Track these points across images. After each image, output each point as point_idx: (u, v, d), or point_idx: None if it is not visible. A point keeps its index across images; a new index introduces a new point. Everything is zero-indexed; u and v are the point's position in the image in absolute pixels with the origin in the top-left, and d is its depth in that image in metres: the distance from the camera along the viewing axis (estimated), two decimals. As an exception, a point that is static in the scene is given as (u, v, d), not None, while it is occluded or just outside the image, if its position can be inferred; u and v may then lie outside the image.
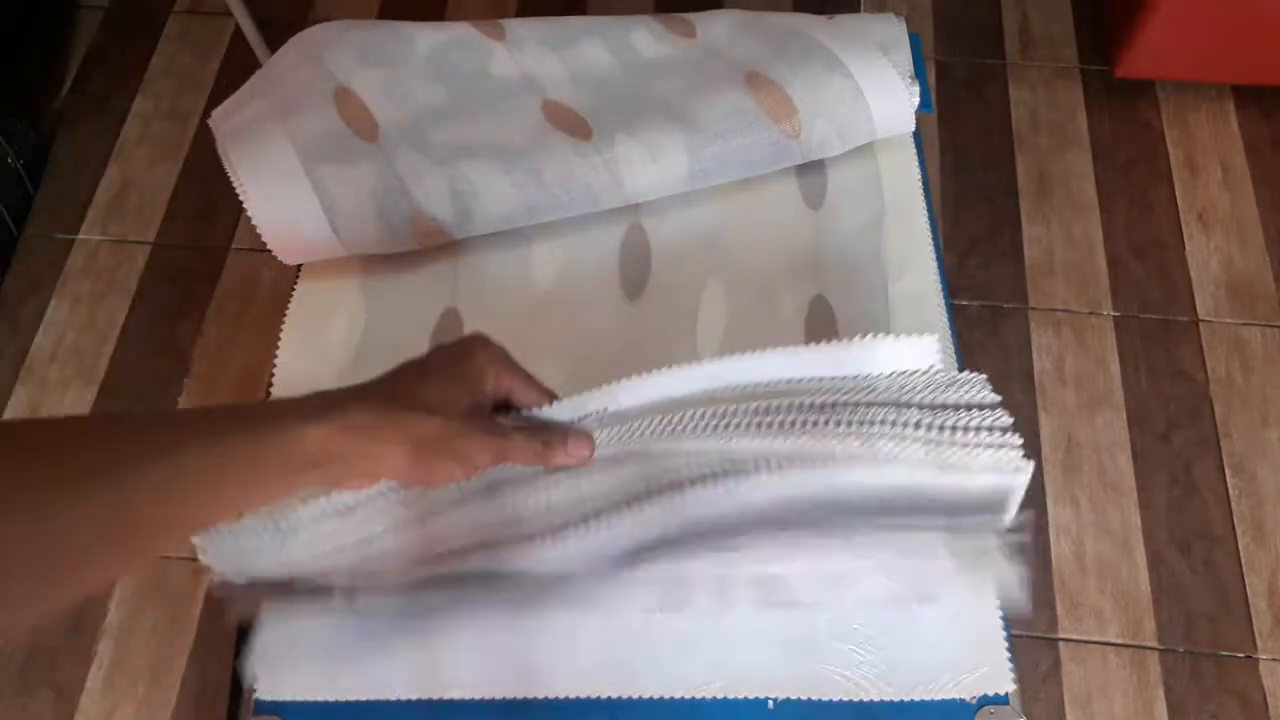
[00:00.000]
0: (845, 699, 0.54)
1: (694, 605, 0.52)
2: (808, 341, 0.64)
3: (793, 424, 0.47)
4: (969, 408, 0.48)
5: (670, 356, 0.64)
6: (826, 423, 0.47)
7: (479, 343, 0.45)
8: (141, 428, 0.36)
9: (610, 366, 0.64)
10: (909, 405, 0.48)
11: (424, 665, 0.53)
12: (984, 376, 0.49)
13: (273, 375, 0.64)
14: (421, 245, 0.66)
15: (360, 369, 0.64)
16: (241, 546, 0.46)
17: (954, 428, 0.46)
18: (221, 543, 0.45)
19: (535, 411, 0.48)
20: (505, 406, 0.47)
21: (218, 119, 0.66)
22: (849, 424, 0.47)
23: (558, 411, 0.48)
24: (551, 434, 0.46)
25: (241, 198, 0.63)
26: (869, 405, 0.48)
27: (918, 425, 0.47)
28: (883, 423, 0.47)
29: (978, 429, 0.46)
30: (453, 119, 0.68)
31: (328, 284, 0.68)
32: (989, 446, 0.46)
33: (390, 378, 0.42)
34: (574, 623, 0.54)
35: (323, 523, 0.47)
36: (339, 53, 0.69)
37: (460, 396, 0.42)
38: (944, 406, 0.48)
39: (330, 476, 0.39)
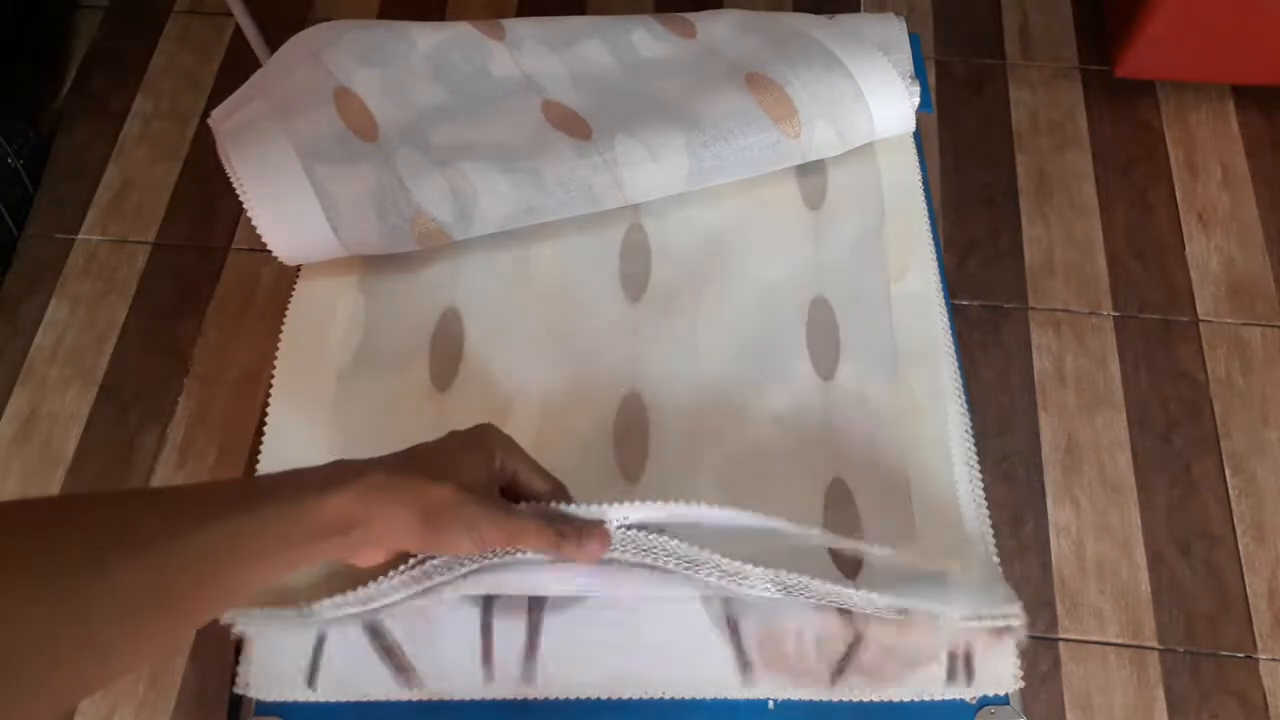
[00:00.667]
0: (846, 698, 0.53)
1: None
2: (808, 341, 0.64)
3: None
4: None
5: (671, 360, 0.64)
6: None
7: (490, 428, 0.48)
8: (169, 501, 0.36)
9: (611, 368, 0.64)
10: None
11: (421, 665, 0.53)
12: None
13: (273, 376, 0.64)
14: (422, 246, 0.66)
15: (360, 370, 0.64)
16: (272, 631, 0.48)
17: None
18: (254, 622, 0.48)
19: (548, 509, 0.48)
20: (516, 498, 0.48)
21: (217, 119, 0.66)
22: None
23: (571, 510, 0.48)
24: (567, 525, 0.46)
25: (241, 198, 0.63)
26: None
27: None
28: None
29: None
30: (453, 119, 0.68)
31: (327, 284, 0.68)
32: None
33: (407, 450, 0.44)
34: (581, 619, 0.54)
35: (343, 609, 0.48)
36: (339, 52, 0.69)
37: (474, 472, 0.44)
38: None
39: (350, 543, 0.40)
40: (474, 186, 0.64)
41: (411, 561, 0.48)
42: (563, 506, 0.48)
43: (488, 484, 0.45)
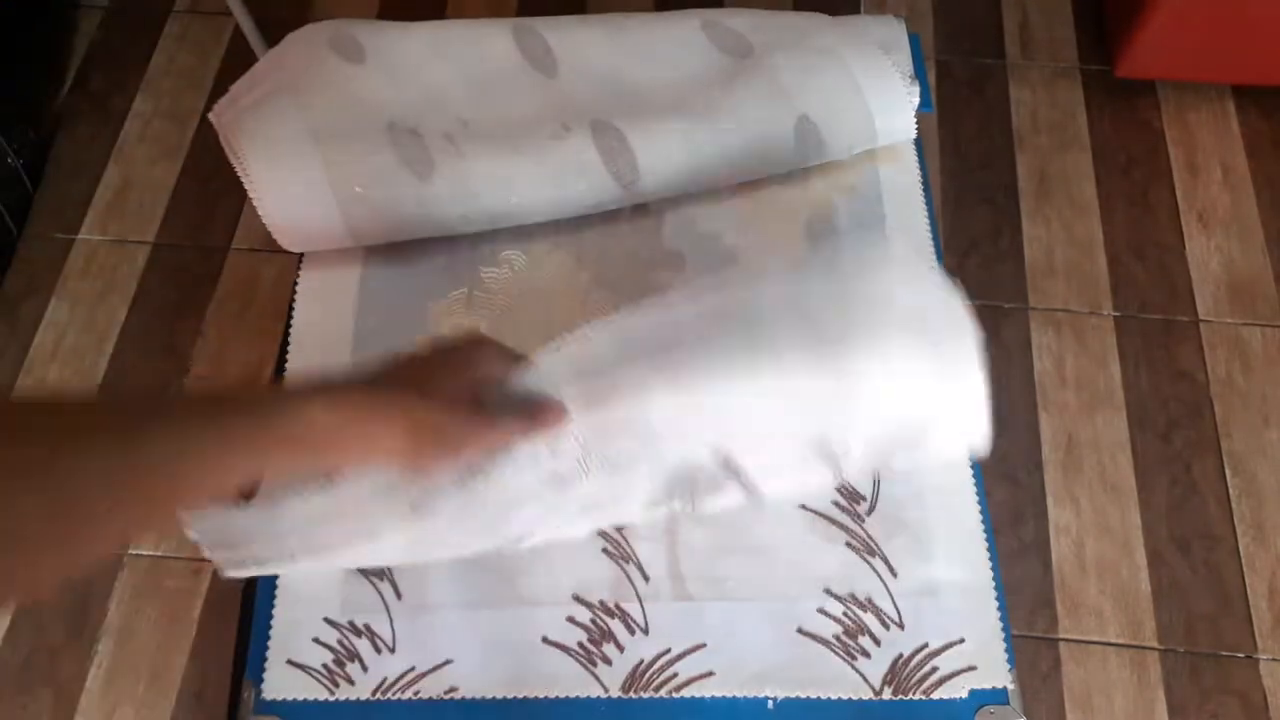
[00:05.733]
0: (847, 698, 0.54)
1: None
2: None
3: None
4: None
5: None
6: None
7: (476, 336, 0.47)
8: (150, 401, 0.37)
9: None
10: None
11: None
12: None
13: (283, 367, 0.64)
14: (425, 235, 0.66)
15: (361, 358, 0.64)
16: (230, 528, 0.46)
17: None
18: (209, 523, 0.46)
19: (515, 383, 0.48)
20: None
21: (219, 112, 0.66)
22: None
23: (533, 378, 0.48)
24: (531, 406, 0.47)
25: (245, 183, 0.63)
26: None
27: None
28: None
29: None
30: (456, 114, 0.68)
31: (329, 274, 0.68)
32: None
33: (390, 365, 0.44)
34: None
35: (310, 501, 0.46)
36: (341, 43, 0.69)
37: (456, 387, 0.44)
38: None
39: (329, 456, 0.40)
40: (479, 180, 0.64)
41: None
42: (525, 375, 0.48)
43: (472, 397, 0.45)
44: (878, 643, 0.55)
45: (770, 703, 0.54)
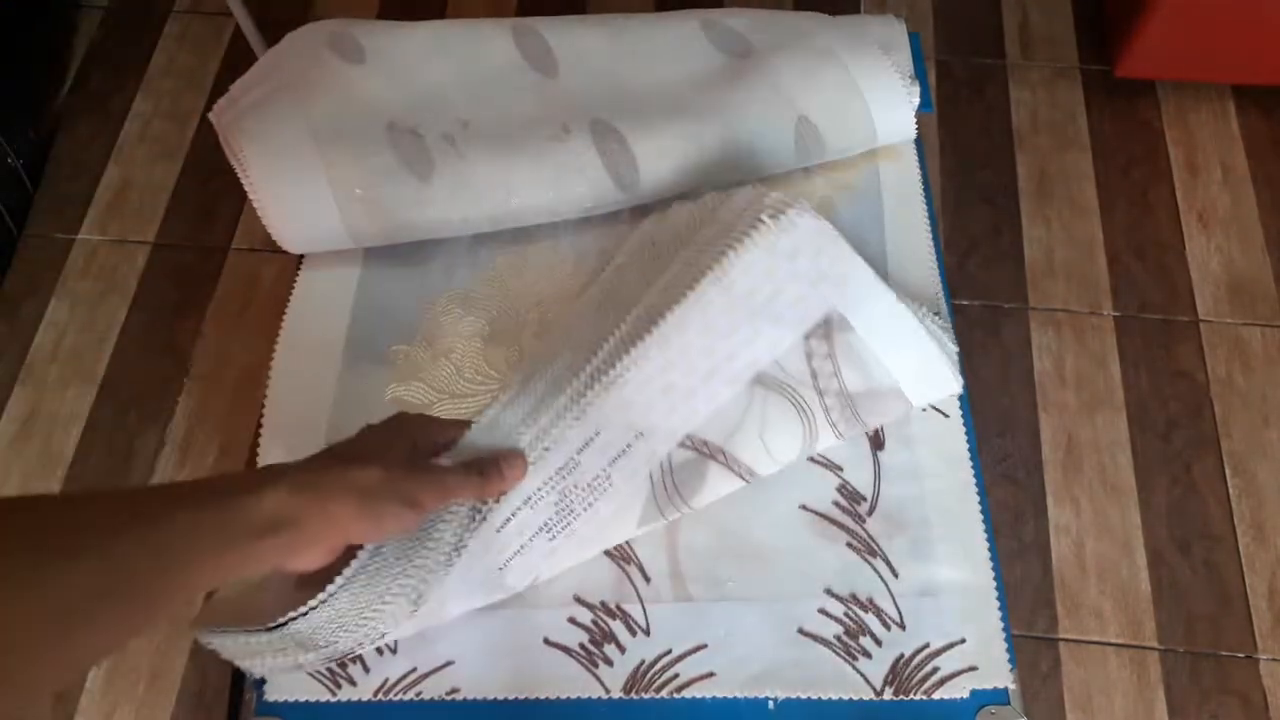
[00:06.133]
0: (847, 698, 0.54)
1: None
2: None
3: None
4: None
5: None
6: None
7: (403, 414, 0.50)
8: (121, 501, 0.37)
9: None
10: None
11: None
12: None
13: (270, 371, 0.64)
14: (425, 236, 0.66)
15: (357, 364, 0.64)
16: (239, 645, 0.47)
17: None
18: (221, 640, 0.48)
19: (462, 444, 0.51)
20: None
21: (218, 112, 0.65)
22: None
23: (479, 434, 0.52)
24: (484, 463, 0.49)
25: (244, 184, 0.63)
26: None
27: None
28: None
29: None
30: (456, 115, 0.68)
31: (328, 275, 0.68)
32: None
33: (329, 448, 0.46)
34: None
35: (311, 618, 0.47)
36: (341, 43, 0.69)
37: (396, 448, 0.46)
38: None
39: (289, 544, 0.40)
40: (478, 185, 0.64)
41: (361, 553, 0.47)
42: (470, 435, 0.51)
43: (413, 455, 0.47)
44: (879, 643, 0.55)
45: (771, 703, 0.54)
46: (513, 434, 0.52)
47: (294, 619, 0.46)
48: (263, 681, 0.54)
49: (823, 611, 0.56)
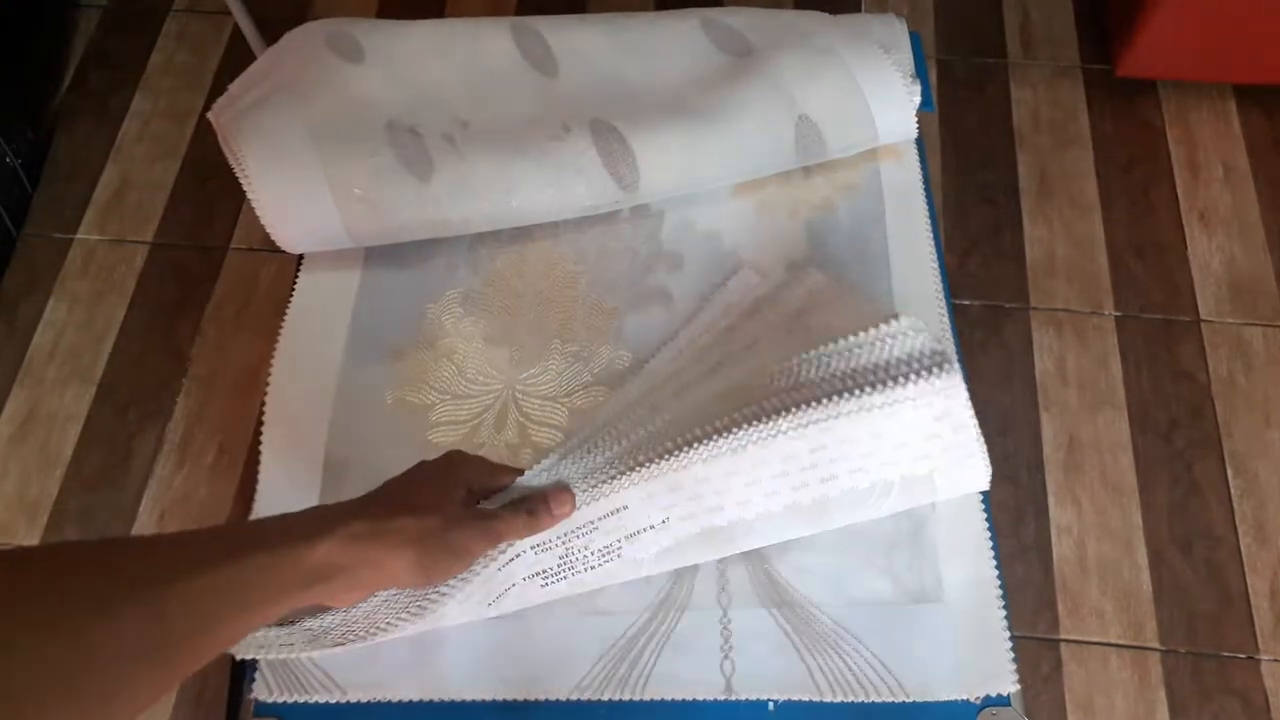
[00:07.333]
0: (847, 700, 0.53)
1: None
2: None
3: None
4: None
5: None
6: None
7: (457, 453, 0.49)
8: (167, 548, 0.37)
9: (608, 363, 0.64)
10: None
11: (425, 665, 0.54)
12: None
13: (271, 371, 0.64)
14: (424, 236, 0.66)
15: (357, 364, 0.64)
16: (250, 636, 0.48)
17: None
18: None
19: (511, 488, 0.51)
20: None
21: (217, 111, 0.65)
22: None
23: (532, 479, 0.52)
24: (534, 501, 0.49)
25: (244, 184, 0.62)
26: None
27: None
28: None
29: None
30: (455, 115, 0.68)
31: (329, 276, 0.68)
32: None
33: (383, 489, 0.45)
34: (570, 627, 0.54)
35: (323, 619, 0.49)
36: (340, 42, 0.69)
37: (449, 495, 0.46)
38: None
39: (335, 588, 0.40)
40: (479, 183, 0.64)
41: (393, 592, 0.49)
42: (520, 480, 0.51)
43: (465, 501, 0.47)
44: (879, 643, 0.55)
45: (771, 704, 0.54)
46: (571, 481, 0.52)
47: (308, 621, 0.47)
48: (253, 680, 0.54)
49: (822, 611, 0.56)
